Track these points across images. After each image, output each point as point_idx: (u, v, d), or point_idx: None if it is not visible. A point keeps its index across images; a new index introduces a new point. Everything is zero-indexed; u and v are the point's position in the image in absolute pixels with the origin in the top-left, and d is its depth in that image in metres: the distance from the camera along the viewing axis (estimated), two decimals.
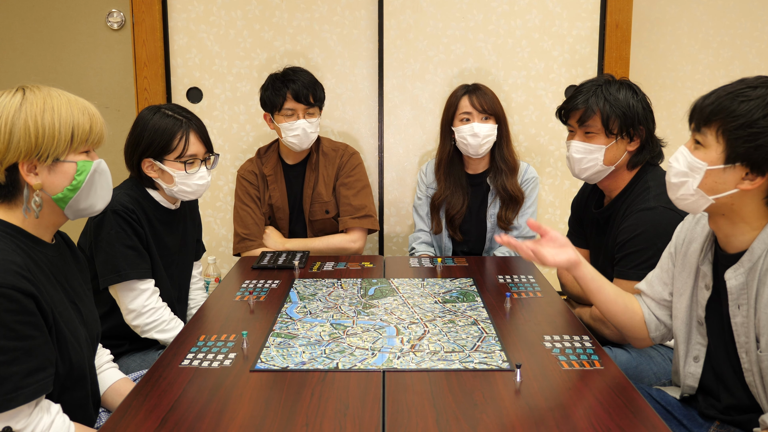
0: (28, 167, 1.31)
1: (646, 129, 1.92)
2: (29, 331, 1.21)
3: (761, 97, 1.27)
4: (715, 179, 1.33)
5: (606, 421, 1.19)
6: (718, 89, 1.35)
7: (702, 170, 1.34)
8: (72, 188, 1.34)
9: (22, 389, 1.20)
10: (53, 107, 1.32)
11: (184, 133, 1.92)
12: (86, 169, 1.35)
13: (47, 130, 1.29)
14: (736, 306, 1.38)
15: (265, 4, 3.03)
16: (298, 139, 2.49)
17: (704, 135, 1.34)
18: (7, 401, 1.18)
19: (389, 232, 3.18)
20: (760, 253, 1.34)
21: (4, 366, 1.18)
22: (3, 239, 1.28)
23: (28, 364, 1.21)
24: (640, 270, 1.77)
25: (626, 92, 1.91)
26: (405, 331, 1.61)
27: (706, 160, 1.34)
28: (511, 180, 2.50)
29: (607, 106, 1.89)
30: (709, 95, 1.35)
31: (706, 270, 1.47)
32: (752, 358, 1.36)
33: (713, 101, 1.33)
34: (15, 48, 3.15)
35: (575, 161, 1.96)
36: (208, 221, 3.15)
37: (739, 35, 3.18)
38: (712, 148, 1.33)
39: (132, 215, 1.89)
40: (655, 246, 1.73)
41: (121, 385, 1.60)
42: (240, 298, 1.90)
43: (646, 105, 1.93)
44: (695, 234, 1.54)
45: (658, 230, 1.76)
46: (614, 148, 1.91)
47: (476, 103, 2.46)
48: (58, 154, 1.32)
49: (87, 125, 1.34)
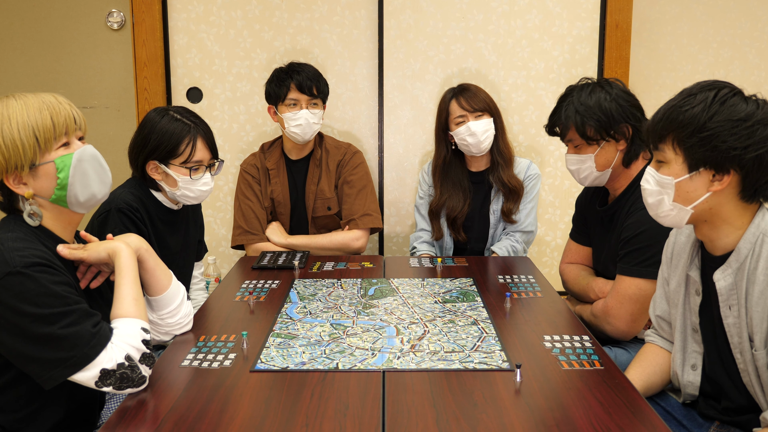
0: (14, 180, 1.33)
1: (631, 125, 1.89)
2: (78, 297, 1.30)
3: (702, 101, 1.32)
4: (686, 189, 1.37)
5: (606, 421, 1.19)
6: (664, 106, 1.40)
7: (671, 185, 1.38)
8: (60, 187, 1.35)
9: (96, 336, 1.28)
10: (9, 117, 1.31)
11: (192, 139, 1.91)
12: (66, 164, 1.35)
13: (9, 144, 1.30)
14: (727, 307, 1.38)
15: (265, 4, 3.03)
16: (300, 129, 2.50)
17: (663, 151, 1.39)
18: (93, 347, 1.27)
19: (389, 232, 3.18)
20: (746, 252, 1.35)
21: (75, 325, 1.26)
22: (29, 237, 1.33)
23: (93, 318, 1.30)
24: (643, 267, 1.77)
25: (598, 95, 1.88)
26: (405, 331, 1.61)
27: (672, 174, 1.37)
28: (508, 172, 2.51)
29: (578, 117, 1.88)
30: (657, 114, 1.40)
31: (695, 276, 1.48)
32: (747, 358, 1.36)
33: (661, 117, 1.38)
34: (15, 48, 3.15)
35: (573, 173, 2.01)
36: (209, 221, 3.14)
37: (739, 35, 3.18)
38: (673, 161, 1.37)
39: (136, 214, 1.89)
40: (659, 244, 1.73)
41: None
42: (240, 298, 1.90)
43: (625, 101, 1.88)
44: (680, 246, 1.55)
45: (661, 228, 1.75)
46: (603, 153, 1.91)
47: (465, 104, 2.46)
48: (31, 161, 1.32)
49: (48, 121, 1.33)
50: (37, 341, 1.24)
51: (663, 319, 1.62)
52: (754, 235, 1.34)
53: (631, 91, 1.94)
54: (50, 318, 1.24)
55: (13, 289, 1.23)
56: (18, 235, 1.31)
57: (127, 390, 1.29)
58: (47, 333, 1.23)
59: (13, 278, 1.23)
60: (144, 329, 1.36)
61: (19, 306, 1.22)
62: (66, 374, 1.26)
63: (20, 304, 1.22)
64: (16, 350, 1.25)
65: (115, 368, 1.27)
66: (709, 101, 1.32)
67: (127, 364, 1.29)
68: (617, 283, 1.85)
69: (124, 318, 1.36)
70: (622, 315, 1.82)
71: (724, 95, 1.32)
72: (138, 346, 1.32)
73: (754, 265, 1.33)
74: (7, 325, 1.24)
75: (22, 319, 1.23)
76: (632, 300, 1.80)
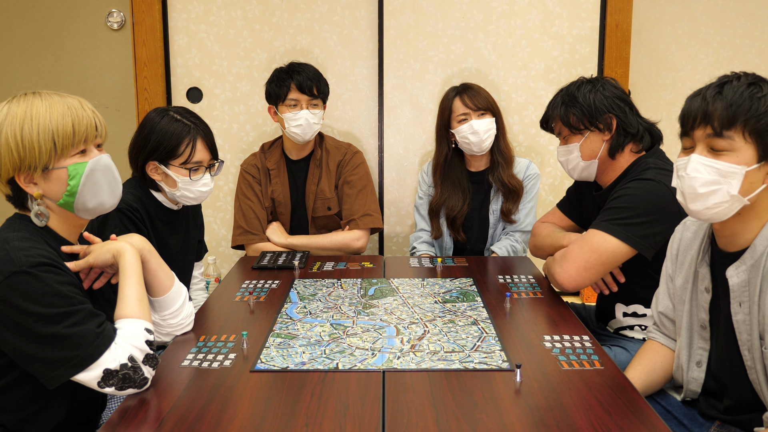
0: (25, 179, 1.33)
1: (615, 115, 1.91)
2: (82, 297, 1.31)
3: None
4: (750, 180, 1.32)
5: (606, 421, 1.19)
6: (713, 92, 1.33)
7: (740, 174, 1.31)
8: (69, 193, 1.35)
9: (100, 336, 1.29)
10: (32, 117, 1.31)
11: (192, 140, 1.91)
12: (79, 173, 1.35)
13: (26, 144, 1.30)
14: (737, 303, 1.38)
15: (265, 4, 3.03)
16: (301, 129, 2.50)
17: (729, 139, 1.31)
18: (97, 347, 1.27)
19: (389, 232, 3.18)
20: (762, 249, 1.34)
21: (80, 325, 1.26)
22: (34, 237, 1.33)
23: (98, 318, 1.30)
24: (612, 224, 1.79)
25: (584, 88, 1.93)
26: (405, 331, 1.62)
27: (742, 163, 1.31)
28: (508, 172, 2.52)
29: (563, 107, 1.95)
30: (713, 100, 1.32)
31: (705, 272, 1.47)
32: (755, 356, 1.36)
33: (729, 104, 1.31)
34: (15, 48, 3.15)
35: (562, 164, 2.04)
36: (209, 221, 3.15)
37: (739, 35, 3.18)
38: (742, 149, 1.31)
39: (136, 214, 1.89)
40: (637, 209, 1.76)
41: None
42: (240, 298, 1.90)
43: (609, 93, 1.92)
44: (686, 242, 1.55)
45: (646, 197, 1.77)
46: (588, 142, 1.93)
47: (469, 102, 2.46)
48: (45, 164, 1.32)
49: (69, 128, 1.32)
50: (41, 341, 1.24)
51: (666, 316, 1.62)
52: None
53: (621, 87, 1.97)
54: (55, 318, 1.24)
55: (18, 289, 1.23)
56: (23, 235, 1.31)
57: (128, 390, 1.29)
58: (51, 332, 1.23)
59: (18, 277, 1.23)
60: (147, 330, 1.36)
61: (24, 305, 1.23)
62: (69, 374, 1.26)
63: (25, 303, 1.23)
64: (19, 349, 1.26)
65: (118, 369, 1.27)
66: None
67: (130, 365, 1.29)
68: (585, 233, 1.89)
69: (128, 318, 1.36)
70: (577, 260, 1.82)
71: None
72: (141, 347, 1.32)
73: None
74: (11, 324, 1.24)
75: (26, 319, 1.23)
76: (592, 249, 1.81)
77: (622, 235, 1.76)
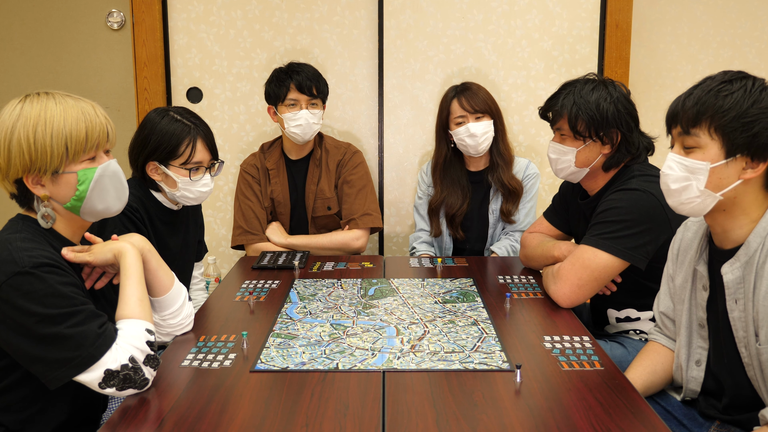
0: (33, 180, 1.33)
1: (621, 132, 1.86)
2: (84, 298, 1.31)
3: (741, 88, 1.32)
4: (719, 175, 1.35)
5: (606, 422, 1.19)
6: (691, 90, 1.37)
7: (705, 170, 1.35)
8: (77, 198, 1.35)
9: (101, 337, 1.29)
10: (46, 120, 1.31)
11: (192, 140, 1.91)
12: (88, 178, 1.35)
13: (39, 147, 1.30)
14: (733, 300, 1.38)
15: (265, 4, 3.03)
16: (300, 129, 2.50)
17: (695, 136, 1.36)
18: (98, 348, 1.27)
19: (389, 232, 3.18)
20: (756, 246, 1.35)
21: (81, 325, 1.26)
22: (37, 238, 1.33)
23: (99, 319, 1.31)
24: (602, 239, 1.78)
25: (600, 93, 1.85)
26: (405, 332, 1.62)
27: (707, 159, 1.35)
28: (508, 173, 2.51)
29: (575, 108, 1.85)
30: (684, 99, 1.38)
31: (702, 270, 1.48)
32: (752, 352, 1.36)
33: (695, 102, 1.35)
34: (15, 48, 3.15)
35: (551, 161, 1.98)
36: (209, 221, 3.15)
37: (739, 35, 3.18)
38: (708, 146, 1.35)
39: (136, 214, 1.89)
40: (625, 222, 1.75)
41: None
42: (240, 298, 1.90)
43: (623, 107, 1.85)
44: (687, 242, 1.55)
45: (632, 208, 1.76)
46: (586, 151, 1.89)
47: (466, 104, 2.46)
48: (55, 167, 1.32)
49: (82, 133, 1.33)
50: (43, 341, 1.24)
51: (667, 317, 1.62)
52: (765, 229, 1.34)
53: (632, 100, 1.91)
54: (57, 318, 1.24)
55: (21, 289, 1.23)
56: (26, 236, 1.31)
57: (128, 391, 1.29)
58: (53, 333, 1.24)
59: (21, 278, 1.23)
60: (148, 330, 1.36)
61: (27, 306, 1.23)
62: (71, 374, 1.26)
63: (28, 303, 1.23)
64: (21, 350, 1.26)
65: (119, 369, 1.28)
66: (749, 88, 1.31)
67: (131, 366, 1.29)
68: (576, 249, 1.86)
69: (129, 319, 1.36)
70: (570, 278, 1.81)
71: (760, 84, 1.32)
72: (142, 348, 1.32)
73: (763, 260, 1.33)
74: (13, 324, 1.24)
75: (28, 319, 1.23)
76: (584, 266, 1.80)
77: (613, 249, 1.76)
